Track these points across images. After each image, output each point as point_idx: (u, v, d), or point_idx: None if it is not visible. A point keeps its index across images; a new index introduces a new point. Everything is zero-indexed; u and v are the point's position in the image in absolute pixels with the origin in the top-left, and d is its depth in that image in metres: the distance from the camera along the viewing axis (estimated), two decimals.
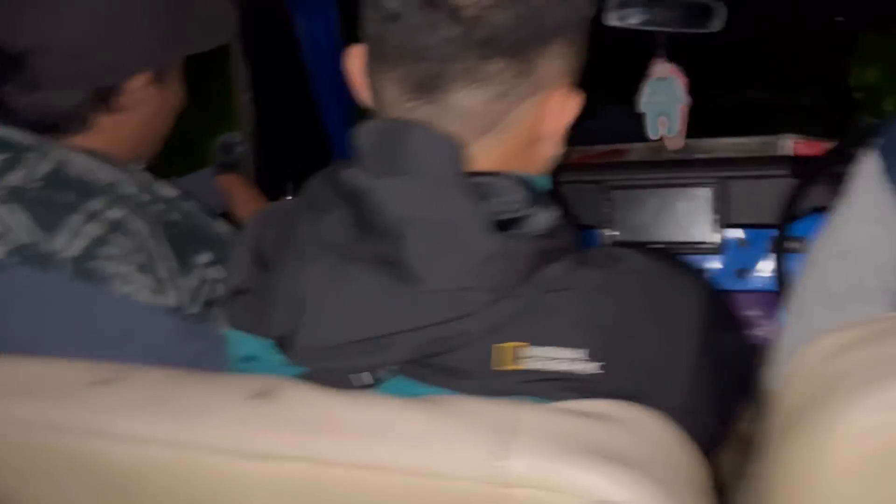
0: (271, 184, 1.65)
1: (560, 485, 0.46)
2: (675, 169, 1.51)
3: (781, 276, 1.19)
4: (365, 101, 0.68)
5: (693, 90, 1.48)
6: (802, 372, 0.55)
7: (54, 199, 0.77)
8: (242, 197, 1.28)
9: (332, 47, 1.67)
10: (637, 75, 1.50)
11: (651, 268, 0.63)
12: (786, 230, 1.20)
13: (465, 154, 0.60)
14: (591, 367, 0.57)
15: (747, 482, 0.71)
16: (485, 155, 0.62)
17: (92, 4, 0.81)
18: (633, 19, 1.38)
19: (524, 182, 0.62)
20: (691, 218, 1.48)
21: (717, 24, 1.37)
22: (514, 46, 0.59)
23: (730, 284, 1.50)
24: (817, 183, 1.09)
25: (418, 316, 0.57)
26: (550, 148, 0.67)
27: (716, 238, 1.47)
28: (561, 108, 0.65)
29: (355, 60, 0.67)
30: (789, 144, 1.52)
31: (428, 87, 0.60)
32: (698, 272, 0.68)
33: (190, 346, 0.78)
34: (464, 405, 0.53)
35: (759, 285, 1.47)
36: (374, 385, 0.60)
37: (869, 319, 0.54)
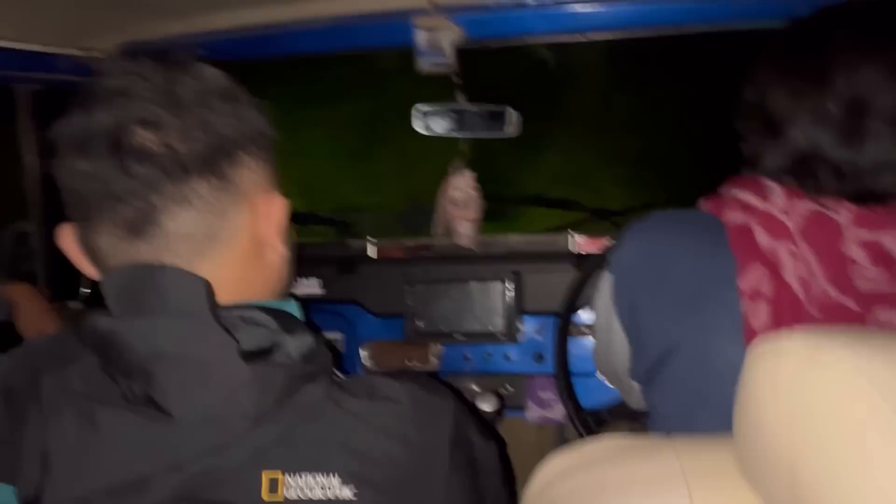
0: (64, 282, 1.56)
1: None
2: (473, 263, 1.60)
3: (562, 359, 1.27)
4: (90, 274, 0.68)
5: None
6: (532, 494, 0.61)
7: None
8: (30, 310, 1.18)
9: None
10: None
11: (403, 395, 0.67)
12: (567, 318, 1.29)
13: (213, 290, 0.61)
14: (345, 493, 0.60)
15: None
16: (217, 275, 0.63)
17: None
18: (437, 128, 1.47)
19: (274, 312, 0.65)
20: (489, 309, 1.57)
21: (512, 130, 1.48)
22: (205, 165, 0.64)
23: (528, 368, 1.60)
24: (594, 276, 1.19)
25: (176, 452, 0.57)
26: (276, 252, 0.72)
27: (512, 327, 1.56)
28: (268, 212, 0.70)
29: (67, 238, 0.68)
30: (574, 241, 1.65)
31: (139, 224, 0.62)
32: (448, 393, 0.72)
33: None
34: None
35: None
36: None
37: (582, 444, 0.61)
